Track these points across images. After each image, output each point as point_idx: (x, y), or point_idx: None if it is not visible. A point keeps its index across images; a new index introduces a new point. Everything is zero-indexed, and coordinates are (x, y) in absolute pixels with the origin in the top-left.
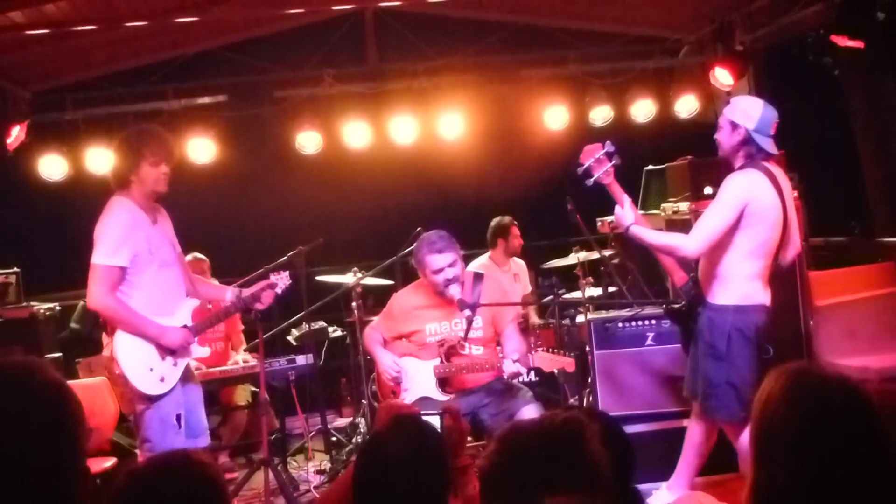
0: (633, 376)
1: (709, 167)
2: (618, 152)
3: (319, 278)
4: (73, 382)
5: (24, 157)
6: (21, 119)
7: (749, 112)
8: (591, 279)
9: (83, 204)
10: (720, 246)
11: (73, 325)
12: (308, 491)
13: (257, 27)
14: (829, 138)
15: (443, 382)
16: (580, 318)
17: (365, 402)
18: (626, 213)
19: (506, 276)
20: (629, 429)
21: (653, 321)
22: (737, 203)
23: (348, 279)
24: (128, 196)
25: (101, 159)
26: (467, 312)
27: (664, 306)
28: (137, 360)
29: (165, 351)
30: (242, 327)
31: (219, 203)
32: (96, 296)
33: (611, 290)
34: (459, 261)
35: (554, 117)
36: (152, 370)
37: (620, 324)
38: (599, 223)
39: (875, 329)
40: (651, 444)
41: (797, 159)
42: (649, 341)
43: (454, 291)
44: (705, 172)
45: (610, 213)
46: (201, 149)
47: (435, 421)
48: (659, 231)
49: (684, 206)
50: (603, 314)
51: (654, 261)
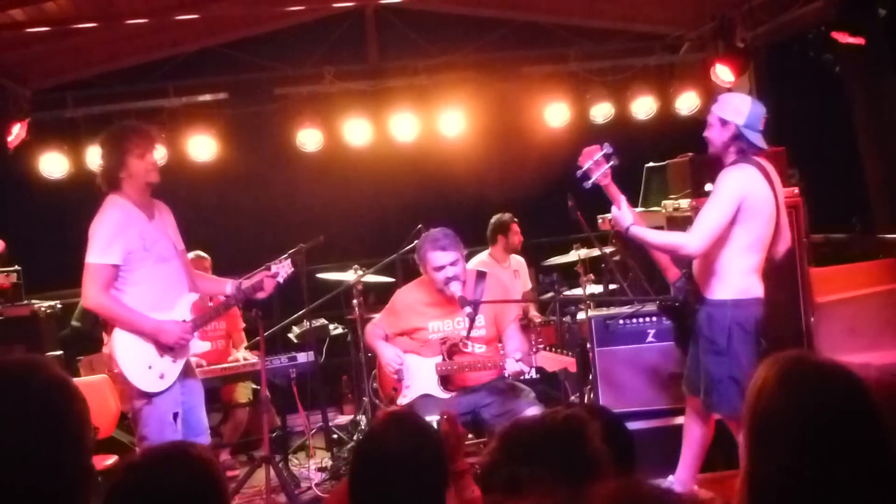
0: (634, 373)
1: (710, 164)
2: (616, 153)
3: (320, 276)
4: (75, 380)
5: (25, 155)
6: (22, 117)
7: (738, 108)
8: (592, 276)
9: (84, 201)
10: (717, 241)
11: (75, 323)
12: (309, 488)
13: (258, 25)
14: (830, 135)
15: (444, 380)
16: (581, 316)
17: (366, 400)
18: (625, 214)
19: (506, 273)
20: (630, 426)
21: (654, 318)
22: (734, 198)
23: (349, 276)
24: (121, 194)
25: None
26: (468, 310)
27: (658, 303)
28: (135, 358)
29: (164, 348)
30: (244, 325)
31: (219, 201)
32: (90, 294)
33: (612, 288)
34: (461, 259)
35: (555, 114)
36: (151, 367)
37: (621, 321)
38: (600, 220)
39: (876, 325)
40: (652, 441)
41: (798, 156)
42: (650, 338)
43: (455, 289)
44: (706, 169)
45: (610, 211)
46: (202, 146)
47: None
48: (658, 230)
49: (685, 203)
50: (604, 311)
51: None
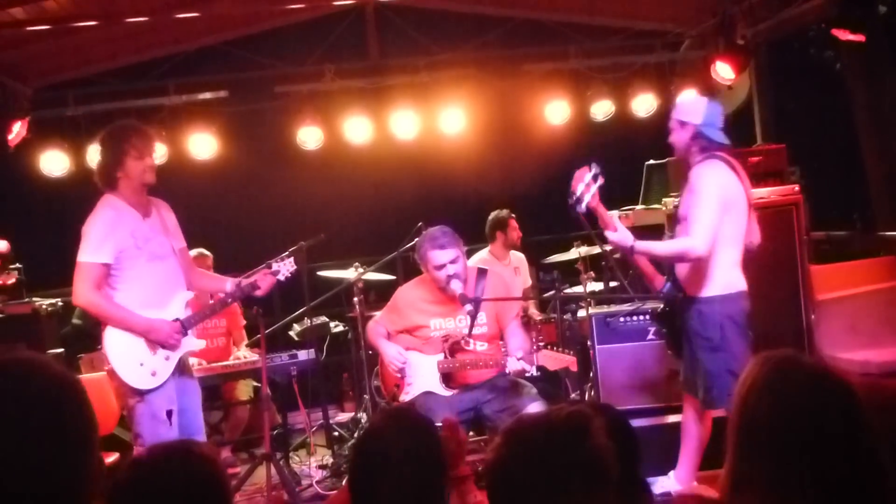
0: (635, 371)
1: None
2: (602, 172)
3: (321, 273)
4: None
5: (26, 153)
6: (22, 115)
7: (694, 109)
8: (593, 274)
9: (85, 200)
10: None
11: (76, 321)
12: (310, 486)
13: (258, 23)
14: (831, 132)
15: (446, 378)
16: (581, 313)
17: (367, 398)
18: (623, 234)
19: (506, 270)
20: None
21: None
22: (717, 193)
23: (350, 274)
24: (116, 193)
25: None
26: (469, 307)
27: (650, 311)
28: (127, 355)
29: (156, 345)
30: (244, 322)
31: (220, 199)
32: (80, 292)
33: (612, 285)
34: (462, 257)
35: (555, 112)
36: (143, 365)
37: (622, 319)
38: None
39: (876, 323)
40: (653, 439)
41: (799, 153)
42: (651, 336)
43: (456, 287)
44: None
45: (612, 209)
46: (202, 144)
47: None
48: (658, 241)
49: None
50: (604, 309)
51: None
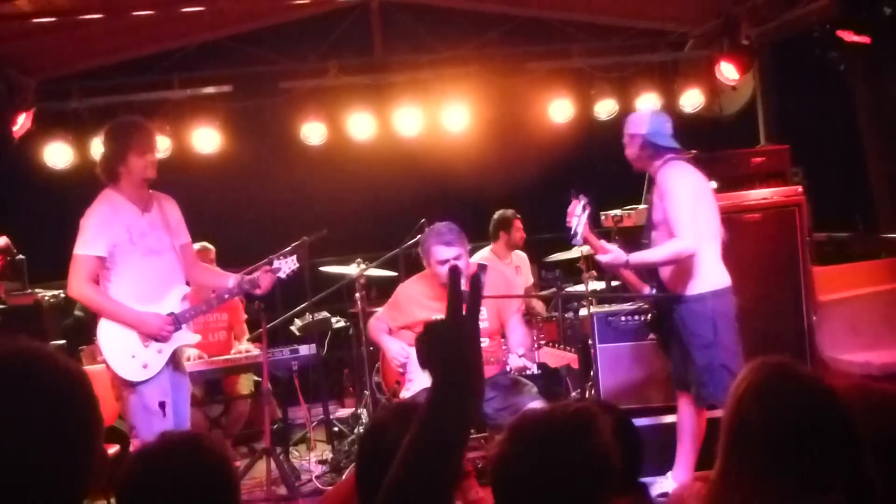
0: (636, 370)
1: (713, 161)
2: (589, 202)
3: (323, 269)
4: None
5: (30, 145)
6: (27, 107)
7: (640, 120)
8: (595, 273)
9: (88, 192)
10: None
11: (78, 313)
12: (310, 481)
13: (263, 18)
14: (834, 133)
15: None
16: (583, 312)
17: (367, 393)
18: (616, 254)
19: (508, 269)
20: None
21: None
22: (688, 189)
23: (352, 270)
24: (116, 188)
25: None
26: None
27: (643, 319)
28: (119, 347)
29: (148, 338)
30: (245, 317)
31: (223, 193)
32: (74, 285)
33: (614, 284)
34: (465, 255)
35: (558, 110)
36: (134, 357)
37: (623, 318)
38: (603, 217)
39: (878, 324)
40: (652, 438)
41: (802, 154)
42: (651, 335)
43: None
44: (710, 166)
45: (614, 207)
46: (206, 139)
47: None
48: (648, 250)
49: None
50: (606, 308)
51: None
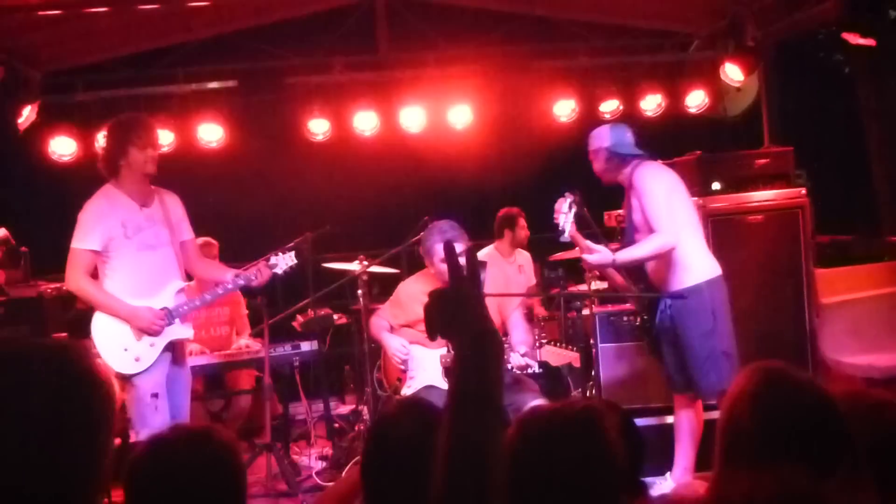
0: (637, 370)
1: (717, 162)
2: (576, 199)
3: (326, 265)
4: None
5: (35, 138)
6: (32, 99)
7: (600, 135)
8: (597, 272)
9: (91, 185)
10: None
11: (80, 306)
12: (310, 477)
13: (269, 13)
14: (838, 136)
15: (449, 371)
16: (585, 311)
17: (368, 391)
18: (602, 254)
19: (511, 267)
20: None
21: None
22: (661, 186)
23: (354, 267)
24: (116, 182)
25: None
26: None
27: (634, 322)
28: (111, 340)
29: (140, 331)
30: (247, 312)
31: (227, 188)
32: (70, 278)
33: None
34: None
35: (563, 109)
36: (127, 350)
37: (625, 317)
38: (606, 216)
39: (880, 327)
40: (653, 439)
41: (805, 157)
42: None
43: None
44: (714, 167)
45: (617, 207)
46: (211, 133)
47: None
48: (632, 247)
49: (692, 201)
50: (608, 308)
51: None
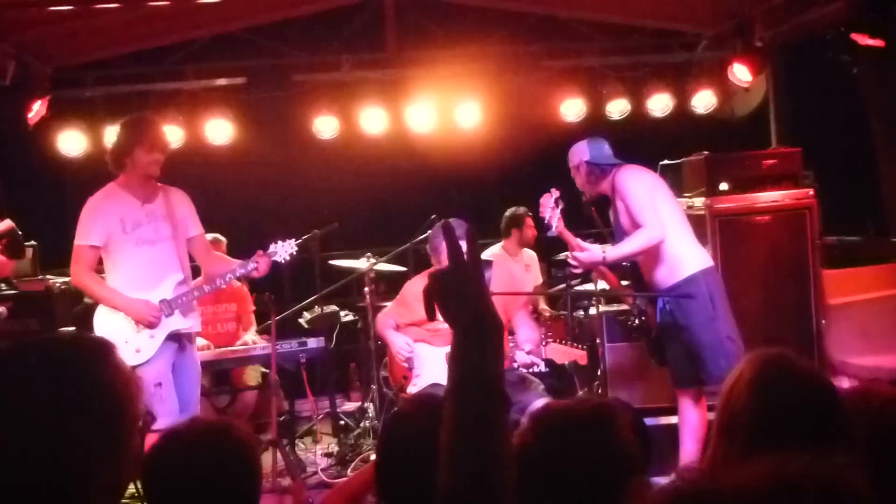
0: (644, 369)
1: (725, 163)
2: (562, 196)
3: (333, 262)
4: None
5: (44, 133)
6: (42, 94)
7: (579, 151)
8: (597, 272)
9: (100, 181)
10: None
11: (87, 300)
12: (315, 473)
13: (278, 10)
14: (846, 137)
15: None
16: (592, 311)
17: (374, 388)
18: (592, 251)
19: (517, 267)
20: None
21: None
22: (643, 184)
23: (361, 264)
24: (120, 179)
25: None
26: None
27: (631, 323)
28: (112, 333)
29: (138, 323)
30: (254, 308)
31: (235, 184)
32: (73, 273)
33: (623, 284)
34: None
35: (570, 109)
36: (127, 342)
37: (632, 317)
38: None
39: (887, 328)
40: (661, 438)
41: (813, 157)
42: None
43: None
44: (721, 168)
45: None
46: (219, 130)
47: None
48: (620, 243)
49: (699, 202)
50: (615, 307)
51: None
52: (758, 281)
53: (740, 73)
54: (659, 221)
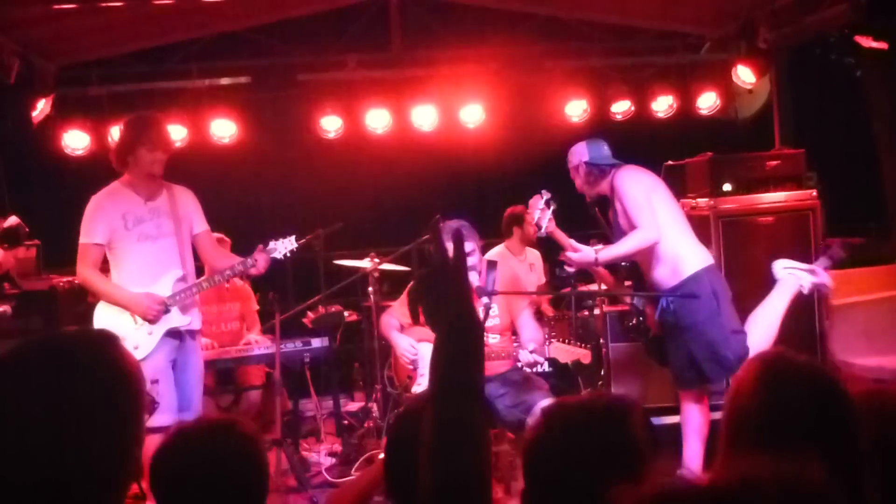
0: (647, 369)
1: (729, 164)
2: (554, 197)
3: (337, 262)
4: None
5: (49, 131)
6: (47, 92)
7: (578, 152)
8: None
9: (105, 178)
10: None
11: (91, 299)
12: (319, 473)
13: (283, 10)
14: (849, 138)
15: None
16: (596, 311)
17: (378, 387)
18: (583, 252)
19: (521, 266)
20: None
21: None
22: (640, 185)
23: (365, 264)
24: (124, 176)
25: None
26: (485, 300)
27: (629, 323)
28: (111, 329)
29: (140, 320)
30: (257, 308)
31: (239, 183)
32: (78, 271)
33: (627, 284)
34: (478, 250)
35: (574, 110)
36: (126, 339)
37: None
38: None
39: (890, 329)
40: (665, 438)
41: (817, 159)
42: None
43: (472, 280)
44: (725, 169)
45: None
46: (223, 129)
47: None
48: (613, 244)
49: (703, 203)
50: (618, 307)
51: None
52: (761, 282)
53: (744, 75)
54: (654, 223)
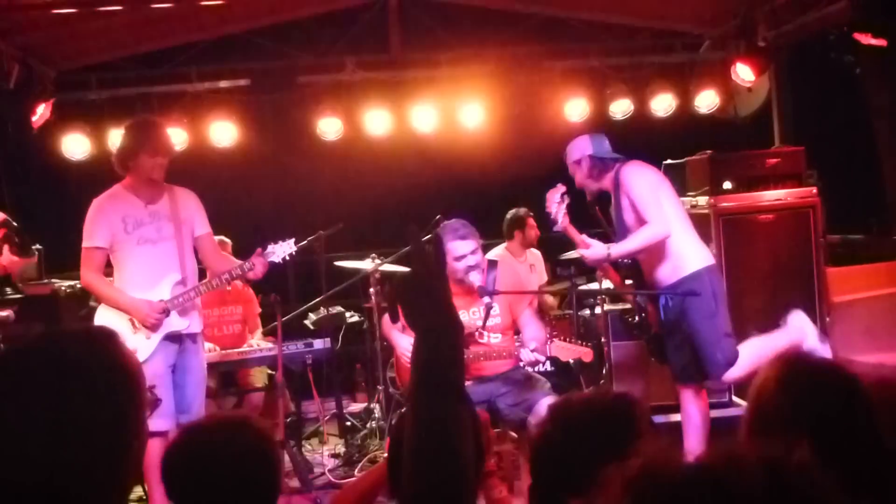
0: (649, 368)
1: (728, 162)
2: (568, 191)
3: (338, 263)
4: None
5: (49, 136)
6: (46, 97)
7: (580, 146)
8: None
9: (106, 182)
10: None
11: (93, 303)
12: (322, 474)
13: (282, 12)
14: (849, 136)
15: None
16: (598, 310)
17: (380, 388)
18: (595, 247)
19: (522, 267)
20: None
21: None
22: (647, 180)
23: (366, 265)
24: (125, 179)
25: None
26: (487, 300)
27: (631, 320)
28: None
29: (139, 324)
30: (259, 310)
31: (239, 186)
32: (81, 275)
33: (628, 283)
34: (480, 249)
35: (574, 109)
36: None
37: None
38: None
39: (891, 326)
40: (667, 437)
41: (816, 156)
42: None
43: (475, 279)
44: (725, 167)
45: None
46: (223, 132)
47: None
48: (625, 239)
49: (703, 201)
50: (620, 305)
51: None
52: (762, 279)
53: (743, 73)
54: (664, 218)
